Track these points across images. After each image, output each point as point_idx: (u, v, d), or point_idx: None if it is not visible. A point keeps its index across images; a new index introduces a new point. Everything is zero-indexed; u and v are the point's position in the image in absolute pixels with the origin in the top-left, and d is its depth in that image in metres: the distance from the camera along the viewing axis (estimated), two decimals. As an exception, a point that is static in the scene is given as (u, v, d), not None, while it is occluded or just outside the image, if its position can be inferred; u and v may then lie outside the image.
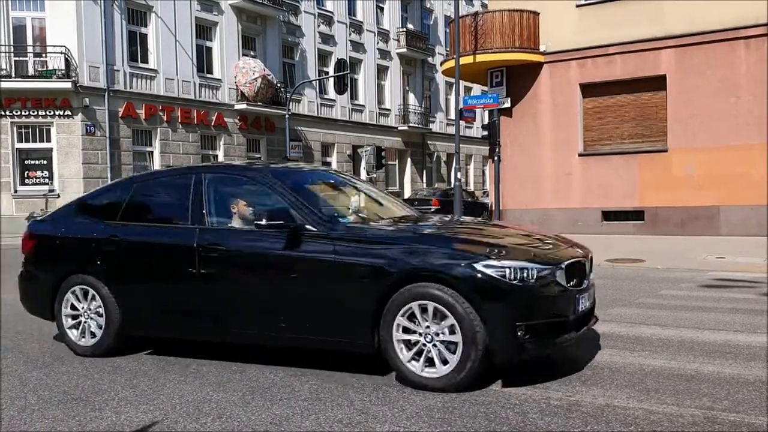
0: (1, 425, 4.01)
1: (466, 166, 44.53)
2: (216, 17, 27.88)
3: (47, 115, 22.98)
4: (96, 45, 23.43)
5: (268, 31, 30.33)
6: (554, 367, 5.03)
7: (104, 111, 23.73)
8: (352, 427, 3.86)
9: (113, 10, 24.01)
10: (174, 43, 26.05)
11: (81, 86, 23.03)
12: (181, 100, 26.37)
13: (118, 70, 24.25)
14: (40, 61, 23.05)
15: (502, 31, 18.41)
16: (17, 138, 22.97)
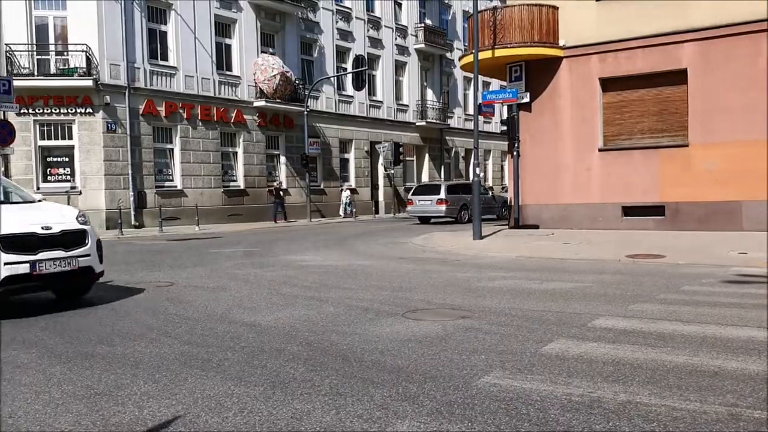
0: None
1: (485, 162, 44.40)
2: (235, 14, 28.01)
3: (69, 112, 23.24)
4: (117, 43, 23.65)
5: (287, 28, 30.42)
6: (576, 364, 5.01)
7: (125, 108, 23.95)
8: (372, 423, 3.87)
9: (133, 8, 24.21)
10: (193, 40, 26.22)
11: (102, 84, 23.26)
12: (200, 97, 26.54)
13: (139, 68, 24.45)
14: (62, 59, 23.31)
15: (521, 25, 18.33)
16: (39, 135, 23.26)
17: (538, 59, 18.49)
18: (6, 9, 22.71)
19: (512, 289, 8.74)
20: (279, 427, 3.85)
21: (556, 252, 13.20)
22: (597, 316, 6.81)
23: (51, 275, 7.53)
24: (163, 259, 14.13)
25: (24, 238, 7.33)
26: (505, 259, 12.79)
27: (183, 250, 16.22)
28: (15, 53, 22.61)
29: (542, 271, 10.69)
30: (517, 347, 5.55)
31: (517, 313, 7.05)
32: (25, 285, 7.39)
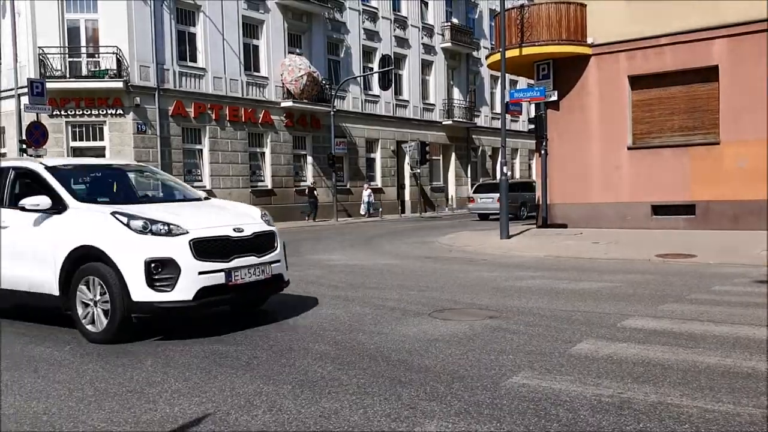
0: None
1: (512, 161, 44.13)
2: (262, 15, 28.19)
3: (100, 114, 23.58)
4: (146, 45, 23.94)
5: (314, 29, 30.54)
6: (605, 364, 4.97)
7: (155, 110, 24.23)
8: (400, 422, 3.88)
9: (163, 10, 24.49)
10: (222, 41, 26.45)
11: (132, 86, 23.56)
12: (229, 98, 26.75)
13: (168, 70, 24.72)
14: (93, 61, 23.65)
15: (548, 23, 18.19)
16: (71, 137, 23.63)
17: (565, 57, 18.33)
18: (39, 12, 23.12)
19: (540, 289, 8.69)
20: (307, 425, 3.87)
21: (584, 251, 13.09)
22: (627, 317, 6.74)
23: (245, 285, 6.42)
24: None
25: (218, 243, 6.27)
26: (533, 258, 12.71)
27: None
28: (48, 56, 23.00)
29: (571, 271, 10.61)
30: (546, 347, 5.52)
31: (545, 313, 7.01)
32: (221, 298, 6.31)
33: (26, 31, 23.17)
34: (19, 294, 6.84)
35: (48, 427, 3.98)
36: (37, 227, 6.54)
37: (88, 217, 6.35)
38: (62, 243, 6.30)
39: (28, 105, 20.80)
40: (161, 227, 6.08)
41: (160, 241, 6.02)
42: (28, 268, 6.60)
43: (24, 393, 4.66)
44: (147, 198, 7.82)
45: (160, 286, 5.93)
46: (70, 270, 6.26)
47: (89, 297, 6.19)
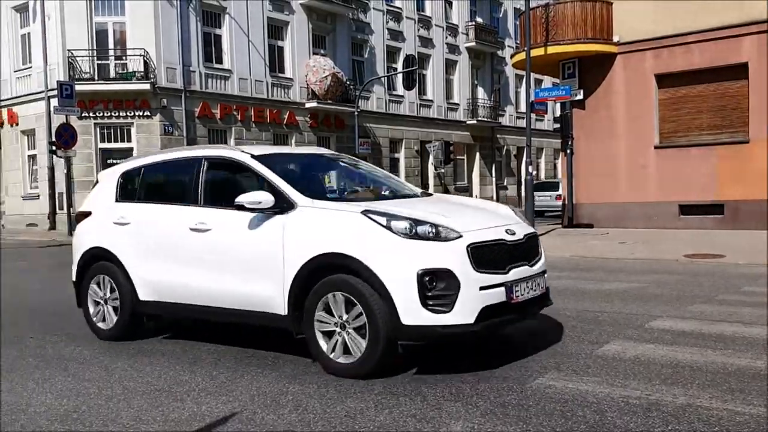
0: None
1: (537, 160, 43.84)
2: (287, 17, 28.33)
3: (127, 115, 23.87)
4: (173, 47, 24.19)
5: (338, 29, 30.62)
6: (633, 366, 4.92)
7: (181, 111, 24.48)
8: (425, 423, 3.88)
9: (189, 12, 24.73)
10: (247, 43, 26.63)
11: (159, 87, 23.82)
12: (254, 99, 26.93)
13: (194, 71, 24.95)
14: (121, 63, 23.96)
15: (574, 21, 18.07)
16: (100, 138, 23.96)
17: (591, 56, 18.18)
18: (68, 16, 23.47)
19: (566, 289, 8.62)
20: (333, 425, 3.89)
21: (611, 251, 12.97)
22: (654, 317, 6.67)
23: (524, 303, 5.07)
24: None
25: (495, 249, 4.92)
26: (559, 258, 12.61)
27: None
28: (77, 59, 23.34)
29: (597, 271, 10.52)
30: (573, 348, 5.48)
31: (571, 314, 6.95)
32: (504, 319, 4.96)
33: (56, 35, 23.56)
34: (229, 312, 5.55)
35: (78, 424, 4.04)
36: (254, 230, 5.27)
37: (329, 217, 5.01)
38: (297, 250, 5.01)
39: (58, 107, 21.18)
40: (428, 229, 4.73)
41: (433, 247, 4.68)
42: (243, 280, 5.34)
43: (55, 391, 4.74)
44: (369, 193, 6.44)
45: (434, 305, 4.59)
46: (307, 284, 4.97)
47: (334, 320, 4.88)
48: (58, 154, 21.51)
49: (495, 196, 40.59)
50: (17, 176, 26.02)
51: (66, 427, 4.01)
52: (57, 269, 12.76)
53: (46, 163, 23.99)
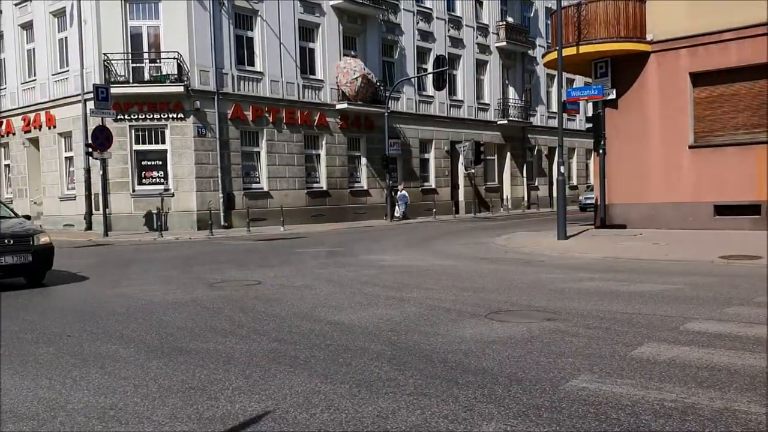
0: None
1: (569, 160, 43.46)
2: (318, 19, 28.47)
3: (161, 118, 24.20)
4: (206, 50, 24.47)
5: (368, 31, 30.69)
6: (668, 368, 4.86)
7: (214, 113, 24.74)
8: (457, 424, 3.87)
9: (222, 15, 24.98)
10: (278, 45, 26.82)
11: (192, 90, 24.11)
12: (285, 101, 27.12)
13: (227, 74, 25.20)
14: (155, 66, 24.30)
15: (606, 20, 17.89)
16: (135, 140, 24.32)
17: (624, 54, 17.97)
18: (104, 20, 23.87)
19: (599, 291, 8.54)
20: (365, 425, 3.90)
21: (644, 253, 12.80)
22: (689, 319, 6.57)
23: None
24: (251, 258, 14.53)
25: None
26: (592, 259, 12.50)
27: (269, 250, 16.63)
28: (112, 62, 23.73)
29: (630, 273, 10.40)
30: (606, 350, 5.43)
31: (605, 316, 6.89)
32: None
33: (92, 38, 24.00)
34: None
35: (115, 422, 4.11)
36: None
37: None
38: None
39: (94, 110, 21.59)
40: None
41: None
42: None
43: (92, 389, 4.82)
44: None
45: None
46: None
47: None
48: (94, 156, 21.89)
49: (526, 196, 40.33)
50: (54, 178, 26.54)
51: (103, 424, 4.08)
52: (93, 269, 12.99)
53: (82, 165, 24.45)
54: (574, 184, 43.19)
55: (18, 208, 27.85)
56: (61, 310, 8.33)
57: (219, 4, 24.84)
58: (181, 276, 11.51)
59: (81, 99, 24.28)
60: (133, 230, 23.68)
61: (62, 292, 9.95)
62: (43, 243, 10.69)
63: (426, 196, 33.52)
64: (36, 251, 10.42)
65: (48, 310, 8.38)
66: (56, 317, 7.80)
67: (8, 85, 28.86)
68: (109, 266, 13.56)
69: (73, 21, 24.68)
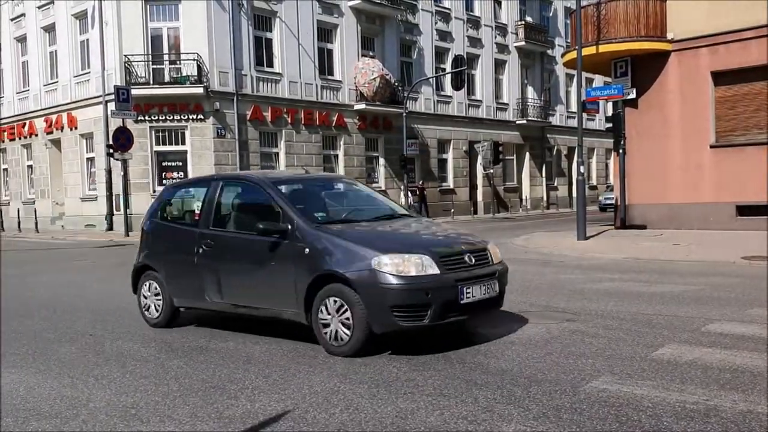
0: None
1: (589, 160, 43.16)
2: (336, 19, 28.52)
3: (182, 119, 24.36)
4: (225, 51, 24.60)
5: (387, 31, 30.70)
6: (689, 370, 4.81)
7: (233, 114, 24.86)
8: (477, 425, 3.86)
9: (241, 16, 25.11)
10: (297, 46, 26.90)
11: (212, 91, 24.24)
12: (303, 102, 27.20)
13: (246, 75, 25.32)
14: (175, 68, 24.47)
15: (626, 19, 17.75)
16: (155, 141, 24.51)
17: (644, 54, 17.82)
18: (125, 22, 24.09)
19: (620, 292, 8.48)
20: (384, 425, 3.91)
21: (665, 253, 12.69)
22: (711, 321, 6.51)
23: None
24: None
25: None
26: (612, 260, 12.41)
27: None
28: (133, 63, 23.94)
29: (651, 273, 10.31)
30: (627, 352, 5.39)
31: (625, 317, 6.84)
32: None
33: (113, 40, 24.23)
34: None
35: (136, 420, 4.15)
36: None
37: None
38: None
39: (115, 111, 21.79)
40: None
41: None
42: None
43: (113, 387, 4.87)
44: None
45: None
46: None
47: None
48: (115, 157, 22.10)
49: (545, 196, 40.14)
50: (76, 178, 26.83)
51: (125, 422, 4.12)
52: (114, 269, 13.12)
53: (103, 166, 24.68)
54: (594, 185, 42.88)
55: (40, 208, 28.26)
56: (83, 309, 8.42)
57: (238, 5, 24.98)
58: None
59: (102, 100, 24.52)
60: (153, 230, 23.83)
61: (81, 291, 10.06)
62: None
63: (444, 196, 33.45)
64: None
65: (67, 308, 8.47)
66: (78, 316, 7.89)
67: (31, 86, 29.22)
68: (130, 266, 13.66)
69: (95, 23, 24.94)
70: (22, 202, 30.23)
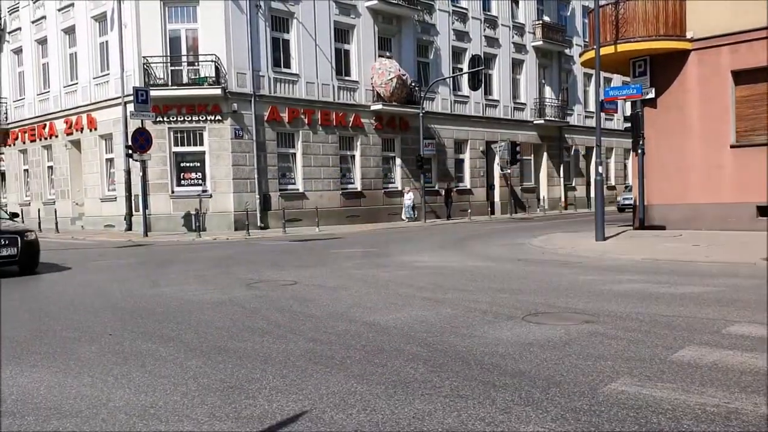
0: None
1: (607, 160, 42.90)
2: (353, 20, 28.57)
3: (200, 120, 24.53)
4: (243, 52, 24.73)
5: (404, 31, 30.71)
6: (710, 372, 4.76)
7: (251, 115, 24.99)
8: (494, 426, 3.85)
9: (258, 18, 25.22)
10: (314, 47, 26.99)
11: (230, 92, 24.39)
12: (321, 102, 27.28)
13: (263, 76, 25.44)
14: (193, 69, 24.64)
15: (645, 18, 17.62)
16: (173, 142, 24.68)
17: (663, 53, 17.68)
18: (144, 23, 24.29)
19: (639, 293, 8.41)
20: (401, 426, 3.90)
21: (684, 254, 12.57)
22: (732, 323, 6.44)
23: None
24: (287, 259, 14.64)
25: None
26: (631, 261, 12.32)
27: (305, 251, 16.73)
28: (151, 65, 24.13)
29: (670, 275, 10.22)
30: (646, 353, 5.34)
31: (644, 318, 6.78)
32: None
33: (132, 42, 24.44)
34: None
35: (155, 420, 4.17)
36: None
37: None
38: None
39: (134, 112, 21.98)
40: None
41: None
42: None
43: (133, 387, 4.91)
44: None
45: None
46: None
47: None
48: (134, 158, 22.28)
49: (563, 196, 39.93)
50: (95, 179, 27.09)
51: (144, 422, 4.15)
52: (133, 269, 13.22)
53: (122, 166, 24.91)
54: (612, 185, 42.63)
55: (60, 208, 28.56)
56: (102, 308, 8.49)
57: (256, 6, 25.09)
58: (218, 276, 11.65)
59: (121, 102, 24.74)
60: (171, 231, 24.04)
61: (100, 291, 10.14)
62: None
63: (461, 196, 33.41)
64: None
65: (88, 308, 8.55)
66: (98, 315, 7.96)
67: (52, 88, 29.56)
68: (150, 265, 13.78)
69: (114, 25, 25.17)
70: (42, 202, 30.58)
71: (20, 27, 31.44)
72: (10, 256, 12.18)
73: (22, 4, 31.17)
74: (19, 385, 5.03)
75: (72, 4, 27.81)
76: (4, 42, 32.53)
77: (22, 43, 31.30)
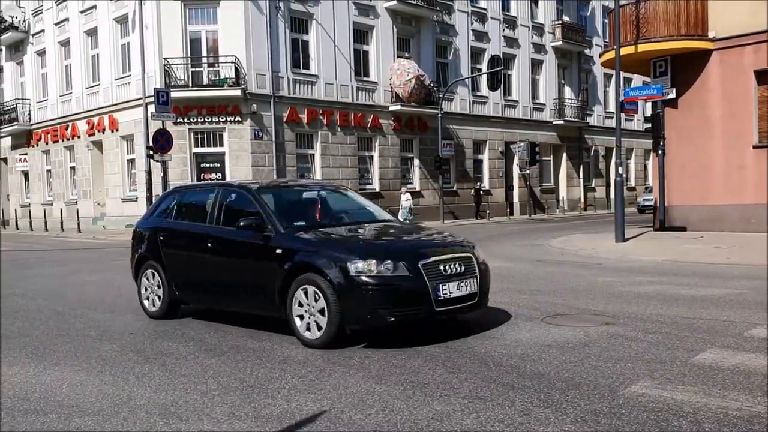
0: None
1: (627, 161, 42.56)
2: (372, 21, 28.60)
3: (220, 121, 24.67)
4: (262, 54, 24.85)
5: (423, 32, 30.68)
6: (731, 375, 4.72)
7: (270, 116, 25.10)
8: (513, 428, 3.84)
9: (278, 19, 25.33)
10: (333, 48, 27.04)
11: (249, 93, 24.51)
12: (339, 103, 27.33)
13: (283, 77, 25.54)
14: (213, 70, 24.79)
15: (666, 18, 17.46)
16: (194, 143, 24.85)
17: (685, 53, 17.50)
18: (164, 25, 24.49)
19: (659, 295, 8.35)
20: (420, 427, 3.90)
21: (705, 256, 12.45)
22: (754, 325, 6.37)
23: None
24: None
25: None
26: (651, 262, 12.21)
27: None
28: (172, 66, 24.32)
29: (691, 276, 10.12)
30: (667, 356, 5.30)
31: (665, 320, 6.73)
32: None
33: (153, 44, 24.62)
34: None
35: (176, 418, 4.22)
36: None
37: None
38: None
39: (155, 113, 22.10)
40: None
41: None
42: None
43: (153, 385, 4.96)
44: None
45: None
46: None
47: None
48: (155, 159, 22.43)
49: (583, 197, 39.69)
50: (117, 179, 27.34)
51: (164, 420, 4.19)
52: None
53: (143, 167, 25.06)
54: (632, 186, 42.27)
55: (82, 208, 28.87)
56: (123, 308, 8.58)
57: (275, 8, 25.21)
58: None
59: (142, 103, 24.92)
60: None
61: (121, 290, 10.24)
62: None
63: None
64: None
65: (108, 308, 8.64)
66: (119, 315, 8.04)
67: (74, 89, 29.88)
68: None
69: (135, 27, 25.38)
70: (64, 202, 30.91)
71: (44, 29, 31.81)
72: None
73: (45, 6, 31.53)
74: (42, 383, 5.11)
75: (94, 6, 28.10)
76: (28, 44, 32.94)
77: (46, 45, 31.66)
